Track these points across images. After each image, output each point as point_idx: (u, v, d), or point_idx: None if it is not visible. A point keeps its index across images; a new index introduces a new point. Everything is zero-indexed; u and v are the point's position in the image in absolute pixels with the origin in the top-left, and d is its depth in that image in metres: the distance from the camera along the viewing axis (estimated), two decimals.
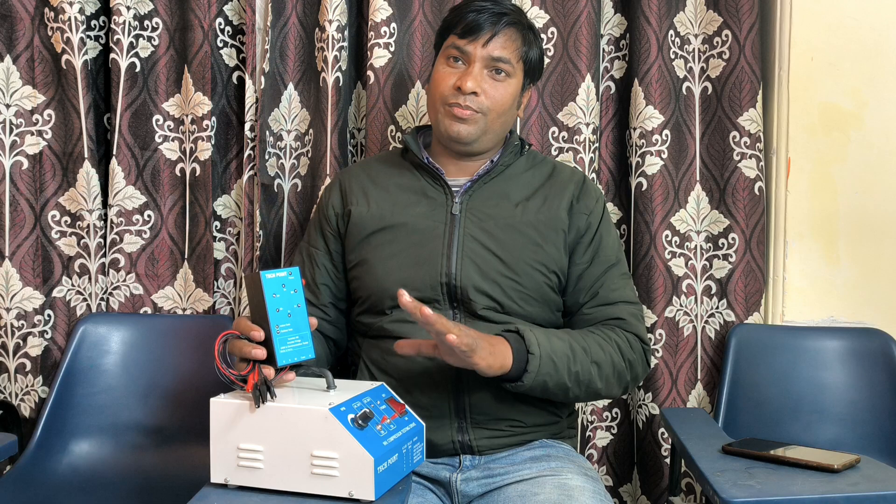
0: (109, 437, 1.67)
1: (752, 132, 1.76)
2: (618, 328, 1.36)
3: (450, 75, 1.36)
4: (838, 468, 1.22)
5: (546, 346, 1.24)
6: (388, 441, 1.06)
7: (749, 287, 1.77)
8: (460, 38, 1.35)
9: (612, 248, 1.42)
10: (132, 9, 1.73)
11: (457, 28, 1.36)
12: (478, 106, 1.35)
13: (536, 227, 1.37)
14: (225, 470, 1.08)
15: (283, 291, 1.09)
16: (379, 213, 1.39)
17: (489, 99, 1.35)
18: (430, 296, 1.33)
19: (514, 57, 1.36)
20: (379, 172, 1.46)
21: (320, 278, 1.44)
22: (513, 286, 1.33)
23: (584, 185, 1.44)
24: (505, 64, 1.35)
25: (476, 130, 1.36)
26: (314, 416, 1.03)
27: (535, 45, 1.41)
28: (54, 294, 1.75)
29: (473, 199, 1.38)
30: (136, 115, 1.75)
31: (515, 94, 1.39)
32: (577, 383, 1.27)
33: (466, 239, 1.35)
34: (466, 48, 1.35)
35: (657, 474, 1.77)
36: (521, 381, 1.23)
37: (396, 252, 1.36)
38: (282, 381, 1.12)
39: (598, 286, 1.38)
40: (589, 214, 1.41)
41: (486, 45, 1.34)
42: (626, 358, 1.34)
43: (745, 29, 1.74)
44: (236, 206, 1.81)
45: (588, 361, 1.28)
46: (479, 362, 1.17)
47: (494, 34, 1.34)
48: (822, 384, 1.71)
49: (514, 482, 1.27)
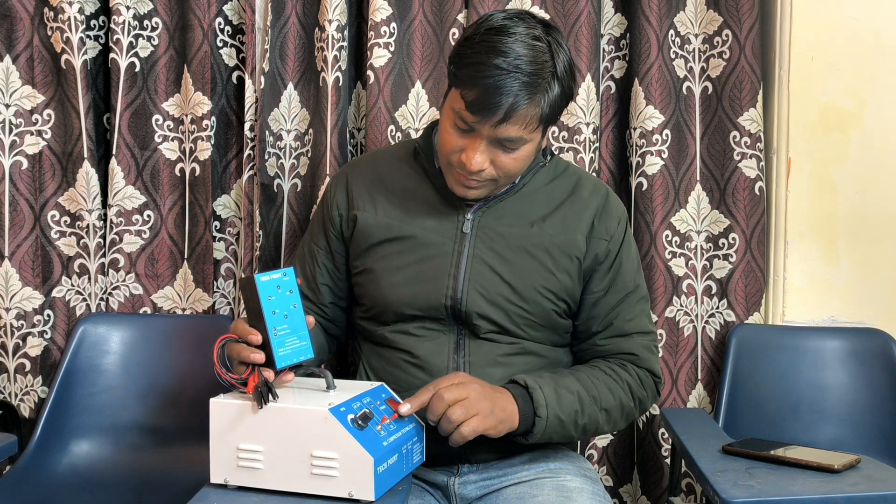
0: (109, 437, 1.66)
1: (753, 132, 1.76)
2: (630, 364, 1.32)
3: (456, 139, 1.21)
4: (838, 468, 1.22)
5: (554, 406, 1.19)
6: (388, 441, 1.05)
7: (749, 287, 1.77)
8: (467, 112, 1.17)
9: (631, 272, 1.35)
10: (132, 8, 1.73)
11: (466, 93, 1.16)
12: (487, 176, 1.23)
13: (550, 252, 1.29)
14: (225, 470, 1.08)
15: (278, 293, 1.08)
16: (386, 222, 1.33)
17: (498, 169, 1.22)
18: (434, 315, 1.29)
19: (531, 129, 1.19)
20: (388, 173, 1.38)
21: (321, 278, 1.40)
22: (519, 312, 1.28)
23: (606, 205, 1.35)
24: (515, 142, 1.20)
25: (484, 192, 1.27)
26: (314, 417, 1.02)
27: (555, 87, 1.18)
28: (54, 294, 1.75)
29: (486, 217, 1.31)
30: (135, 115, 1.75)
31: (534, 149, 1.25)
32: (584, 432, 1.26)
33: (475, 261, 1.28)
34: (473, 125, 1.18)
35: (657, 474, 1.77)
36: (525, 439, 1.20)
37: (402, 265, 1.31)
38: (281, 381, 1.12)
39: (613, 317, 1.33)
40: (609, 240, 1.33)
41: (497, 127, 1.17)
42: (637, 397, 1.31)
43: (746, 29, 1.74)
44: (236, 206, 1.81)
45: (597, 410, 1.25)
46: (478, 427, 1.11)
47: (506, 119, 1.15)
48: (822, 384, 1.71)
49: (512, 484, 1.27)
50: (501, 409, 1.15)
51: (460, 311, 1.28)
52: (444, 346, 1.29)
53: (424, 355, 1.28)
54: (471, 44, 1.18)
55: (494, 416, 1.13)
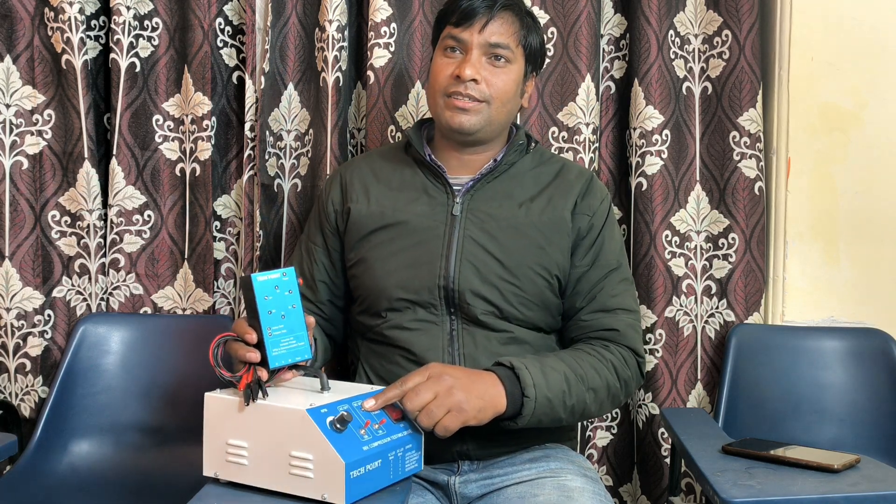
0: (109, 437, 1.66)
1: (752, 132, 1.76)
2: (612, 343, 1.32)
3: (448, 65, 1.33)
4: (838, 468, 1.22)
5: (542, 386, 1.18)
6: (370, 446, 1.03)
7: (749, 287, 1.77)
8: (455, 27, 1.32)
9: (614, 251, 1.38)
10: (132, 9, 1.73)
11: (452, 17, 1.33)
12: (479, 94, 1.31)
13: (540, 229, 1.33)
14: (215, 464, 1.09)
15: (275, 293, 1.08)
16: (379, 210, 1.36)
17: (490, 86, 1.31)
18: (427, 299, 1.30)
19: (513, 41, 1.32)
20: (382, 167, 1.42)
21: (318, 275, 1.42)
22: (512, 290, 1.31)
23: (590, 185, 1.39)
24: (504, 49, 1.31)
25: (479, 120, 1.32)
26: (292, 417, 1.02)
27: (534, 31, 1.37)
28: (54, 294, 1.75)
29: (475, 199, 1.35)
30: (136, 115, 1.75)
31: (518, 81, 1.35)
32: (572, 414, 1.24)
33: (466, 241, 1.31)
34: (462, 36, 1.31)
35: (657, 474, 1.77)
36: (514, 422, 1.19)
37: (395, 251, 1.33)
38: (280, 380, 1.12)
39: (597, 291, 1.34)
40: (592, 216, 1.36)
41: (483, 30, 1.30)
42: (622, 378, 1.30)
43: (745, 29, 1.74)
44: (236, 206, 1.81)
45: (584, 390, 1.24)
46: (457, 419, 1.10)
47: (490, 19, 1.30)
48: (822, 384, 1.71)
49: (513, 484, 1.26)
50: (479, 396, 1.13)
51: (453, 291, 1.29)
52: (437, 339, 1.30)
53: (420, 350, 1.29)
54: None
55: (472, 405, 1.12)
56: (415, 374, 1.13)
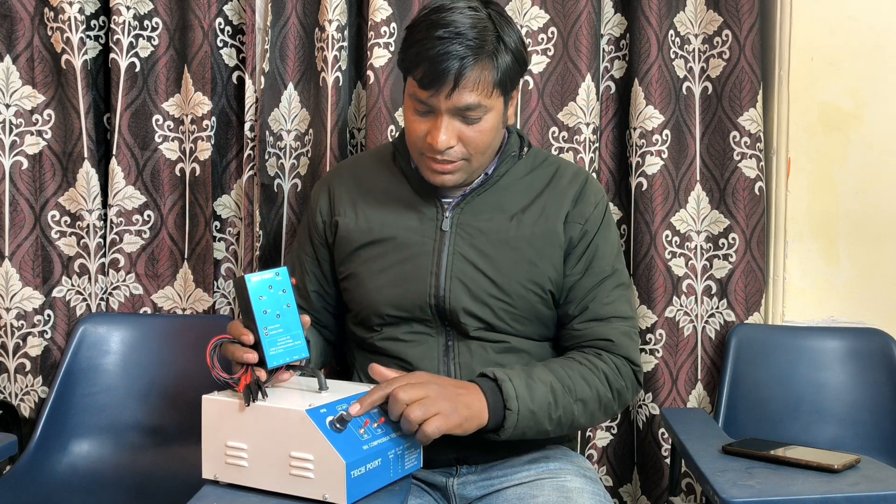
0: (109, 437, 1.66)
1: (753, 132, 1.76)
2: (605, 352, 1.28)
3: (419, 124, 1.22)
4: (838, 468, 1.22)
5: (525, 399, 1.15)
6: (370, 445, 1.03)
7: (749, 287, 1.77)
8: (420, 90, 1.19)
9: (608, 257, 1.32)
10: (132, 9, 1.73)
11: (416, 73, 1.19)
12: (457, 155, 1.23)
13: (531, 243, 1.28)
14: (214, 467, 1.08)
15: (270, 293, 1.08)
16: (367, 226, 1.32)
17: (468, 144, 1.22)
18: (420, 316, 1.28)
19: (486, 94, 1.19)
20: (369, 176, 1.38)
21: (310, 285, 1.41)
22: (504, 307, 1.27)
23: (583, 190, 1.33)
24: (475, 110, 1.19)
25: (461, 175, 1.26)
26: (291, 417, 1.02)
27: (504, 54, 1.20)
28: (54, 294, 1.75)
29: (465, 213, 1.30)
30: (135, 115, 1.75)
31: (497, 121, 1.24)
32: (559, 426, 1.20)
33: (455, 258, 1.27)
34: (429, 102, 1.19)
35: (657, 474, 1.77)
36: (497, 435, 1.16)
37: (385, 267, 1.30)
38: (278, 380, 1.12)
39: (590, 300, 1.30)
40: (584, 223, 1.31)
41: (450, 96, 1.17)
42: (614, 388, 1.26)
43: (746, 29, 1.74)
44: (236, 206, 1.81)
45: (571, 401, 1.20)
46: (441, 426, 1.07)
47: (457, 84, 1.16)
48: (822, 384, 1.71)
49: (512, 485, 1.26)
50: (466, 406, 1.11)
51: (445, 309, 1.27)
52: (433, 350, 1.28)
53: (415, 360, 1.28)
54: (414, 30, 1.21)
55: (458, 414, 1.09)
56: (399, 378, 1.11)
